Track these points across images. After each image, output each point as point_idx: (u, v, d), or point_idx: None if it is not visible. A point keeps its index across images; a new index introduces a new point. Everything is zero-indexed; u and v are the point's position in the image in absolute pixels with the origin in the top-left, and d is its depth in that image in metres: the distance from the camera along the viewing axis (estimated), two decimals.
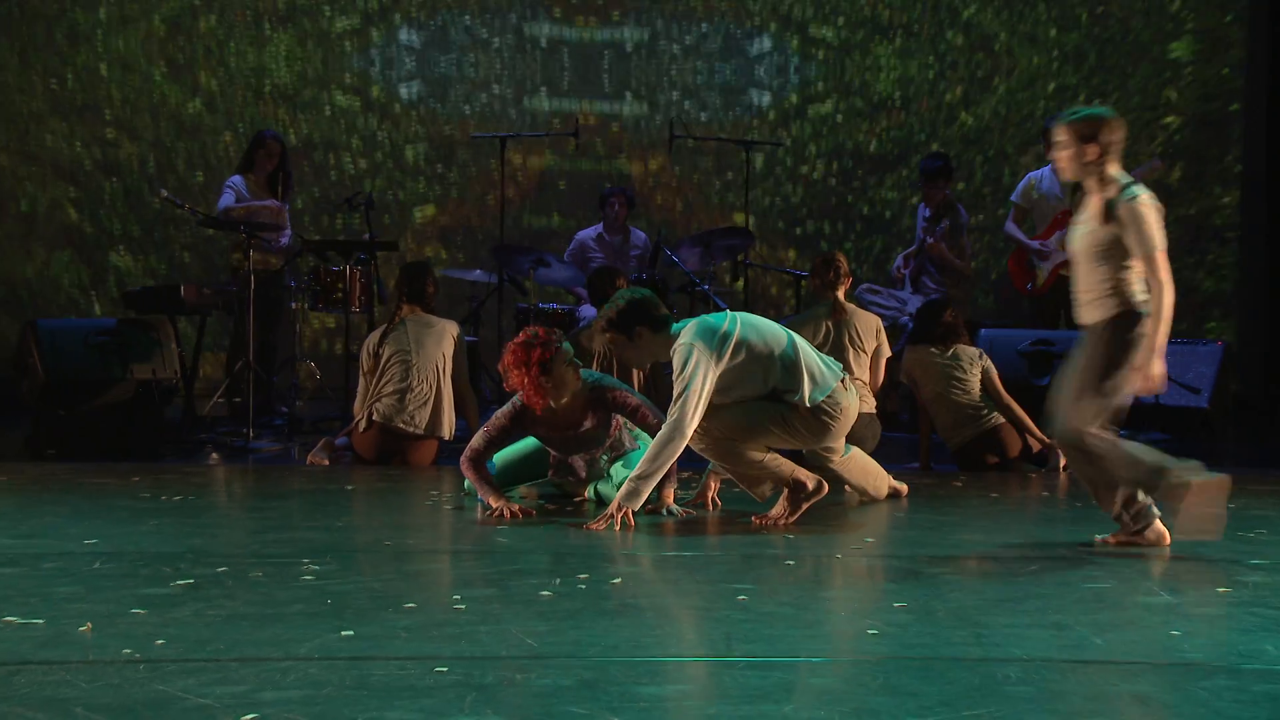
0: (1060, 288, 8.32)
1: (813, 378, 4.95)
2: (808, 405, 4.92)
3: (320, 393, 9.42)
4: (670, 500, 5.11)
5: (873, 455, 6.30)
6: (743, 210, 9.54)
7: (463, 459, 5.19)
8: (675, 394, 4.76)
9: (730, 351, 4.85)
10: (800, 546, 4.56)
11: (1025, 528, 5.04)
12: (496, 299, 9.14)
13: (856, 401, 5.09)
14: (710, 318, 4.95)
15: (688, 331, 4.88)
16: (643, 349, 4.99)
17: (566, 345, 5.10)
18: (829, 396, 4.96)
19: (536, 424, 5.20)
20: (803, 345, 5.01)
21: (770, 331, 4.97)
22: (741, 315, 4.99)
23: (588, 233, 9.50)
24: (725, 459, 4.97)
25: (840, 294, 6.84)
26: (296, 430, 8.04)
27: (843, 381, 5.03)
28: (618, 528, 4.73)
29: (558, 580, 3.85)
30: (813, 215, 11.13)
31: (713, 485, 5.32)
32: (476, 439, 5.21)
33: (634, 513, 4.79)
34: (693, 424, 4.75)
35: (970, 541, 4.64)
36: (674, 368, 4.82)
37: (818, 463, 5.19)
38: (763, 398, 4.95)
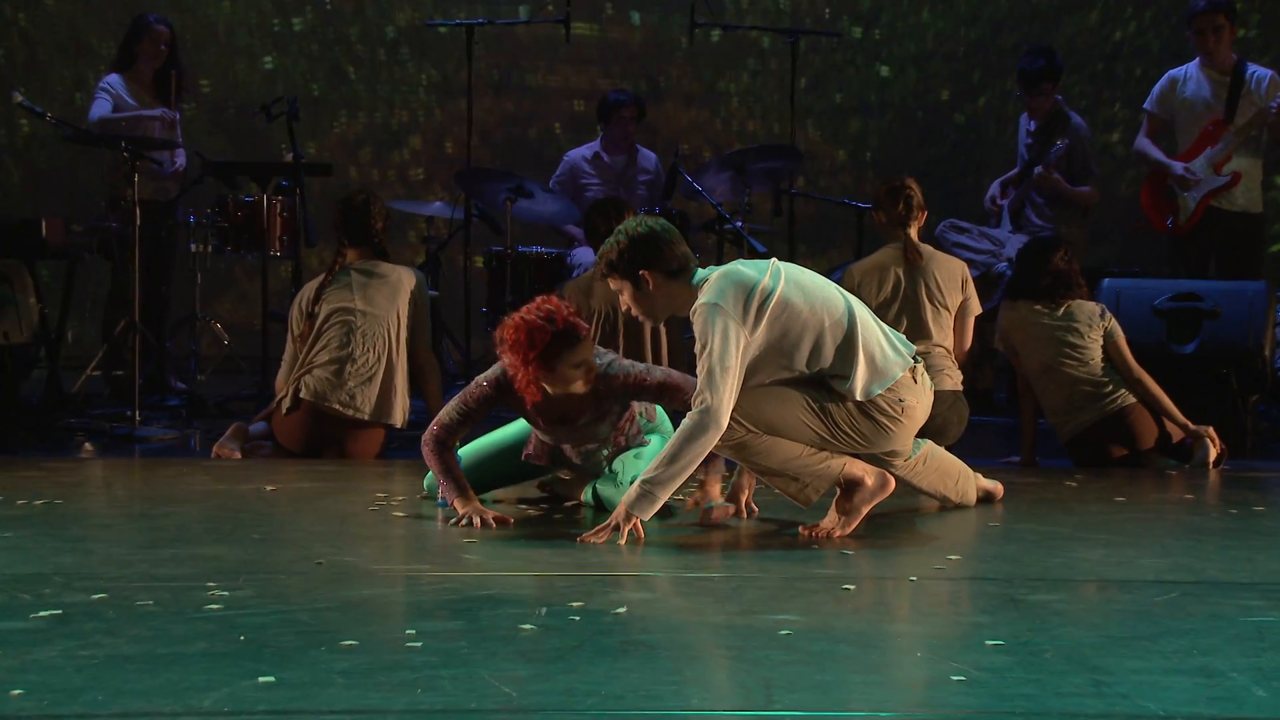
0: (1211, 224, 8.28)
1: (871, 362, 4.91)
2: (858, 399, 4.90)
3: (230, 363, 9.44)
4: (716, 494, 5.13)
5: (957, 446, 6.30)
6: (788, 123, 9.51)
7: (426, 439, 5.20)
8: (700, 371, 4.74)
9: (769, 315, 4.82)
10: (861, 566, 4.56)
11: (1162, 543, 5.04)
12: (462, 240, 9.14)
13: (929, 397, 5.07)
14: (744, 266, 4.91)
15: (711, 285, 4.85)
16: (655, 300, 4.97)
17: (597, 351, 5.08)
18: (890, 390, 4.93)
19: (524, 401, 5.20)
20: (864, 316, 4.96)
21: (820, 293, 4.93)
22: (785, 266, 4.97)
23: (581, 152, 9.48)
24: (749, 457, 4.96)
25: (913, 232, 6.83)
26: (198, 413, 8.05)
27: (913, 370, 4.99)
28: (623, 541, 4.73)
29: (543, 610, 3.85)
30: (882, 130, 11.10)
31: (746, 487, 5.32)
32: (447, 411, 5.22)
33: (644, 522, 4.80)
34: (728, 410, 4.74)
35: (1088, 560, 4.64)
36: (695, 335, 4.80)
37: (879, 465, 5.18)
38: (799, 382, 4.93)
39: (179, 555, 4.53)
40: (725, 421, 4.74)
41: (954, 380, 6.72)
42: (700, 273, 4.95)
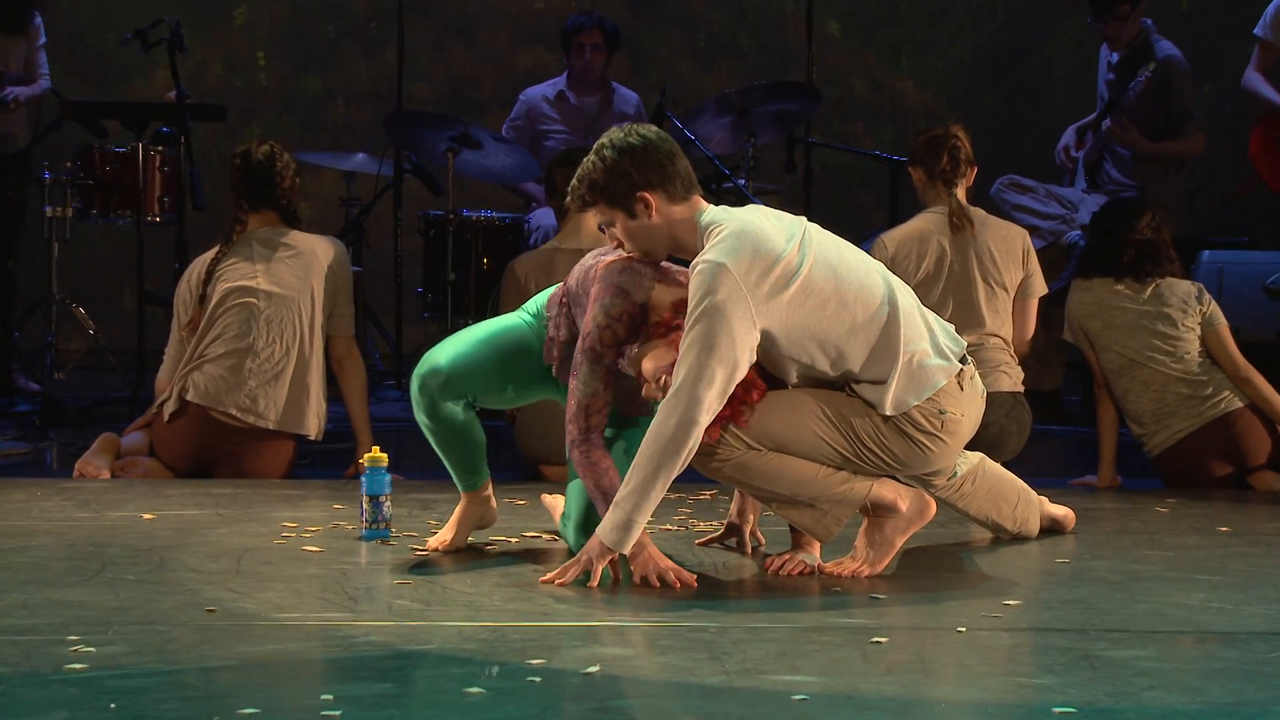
0: None
1: (909, 367, 4.85)
2: (888, 413, 4.88)
3: (96, 357, 9.42)
4: (754, 525, 5.21)
5: (1018, 462, 6.31)
6: (803, 58, 9.53)
7: (574, 440, 4.96)
8: (683, 347, 4.71)
9: (787, 300, 4.78)
10: (895, 614, 4.57)
11: (1277, 585, 5.06)
12: (391, 201, 9.13)
13: (979, 404, 5.04)
14: (767, 223, 4.83)
15: (723, 240, 4.75)
16: (655, 232, 4.91)
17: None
18: (930, 400, 4.91)
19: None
20: (908, 306, 4.90)
21: (855, 277, 4.85)
22: (816, 235, 4.90)
23: (542, 90, 9.49)
24: (753, 481, 4.94)
25: (961, 193, 6.83)
26: (55, 420, 8.03)
27: (959, 376, 4.96)
28: (594, 582, 4.74)
29: (495, 669, 3.86)
30: (922, 62, 11.11)
31: (751, 514, 5.34)
32: (588, 384, 4.95)
33: (621, 557, 4.81)
34: (710, 400, 4.69)
35: (1183, 607, 4.66)
36: (690, 298, 4.76)
37: (915, 484, 5.18)
38: (815, 385, 4.93)
39: (32, 601, 4.53)
40: (705, 418, 4.68)
41: (1013, 379, 6.73)
42: (709, 212, 4.88)
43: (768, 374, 4.89)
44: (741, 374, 4.73)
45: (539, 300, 5.28)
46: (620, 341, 4.93)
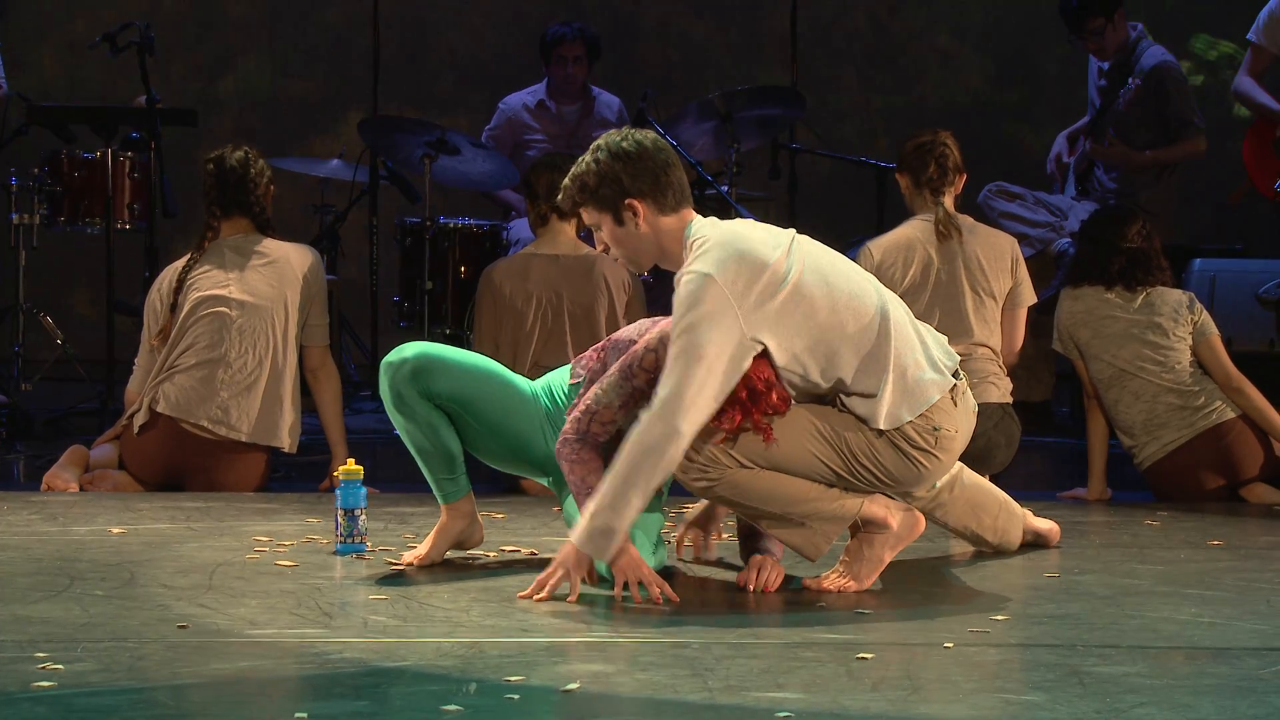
0: None
1: (902, 380, 4.87)
2: (882, 428, 4.89)
3: (64, 368, 9.40)
4: (779, 548, 5.13)
5: (1007, 475, 6.32)
6: (788, 59, 9.53)
7: (567, 437, 5.02)
8: (669, 359, 4.73)
9: (775, 310, 4.79)
10: (881, 629, 4.58)
11: (1269, 600, 5.06)
12: (366, 208, 9.12)
13: (971, 419, 5.04)
14: (754, 233, 4.85)
15: (710, 251, 4.77)
16: (642, 241, 4.92)
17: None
18: (924, 416, 4.92)
19: None
20: (900, 318, 4.91)
21: (847, 286, 4.86)
22: (806, 245, 4.91)
23: (522, 97, 9.49)
24: (745, 500, 4.92)
25: (949, 200, 6.84)
26: (22, 432, 8.02)
27: (953, 391, 4.97)
28: (573, 596, 4.75)
29: (473, 686, 3.86)
30: (913, 66, 11.12)
31: (719, 516, 5.34)
32: (604, 396, 5.00)
33: (600, 568, 4.83)
34: (696, 415, 4.70)
35: (1174, 622, 4.67)
36: (674, 310, 4.77)
37: (898, 498, 5.17)
38: (806, 400, 4.92)
39: None
40: (691, 430, 4.69)
41: (1001, 390, 6.73)
42: (696, 224, 4.89)
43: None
44: (732, 384, 4.74)
45: (552, 379, 5.29)
46: (658, 372, 4.88)
